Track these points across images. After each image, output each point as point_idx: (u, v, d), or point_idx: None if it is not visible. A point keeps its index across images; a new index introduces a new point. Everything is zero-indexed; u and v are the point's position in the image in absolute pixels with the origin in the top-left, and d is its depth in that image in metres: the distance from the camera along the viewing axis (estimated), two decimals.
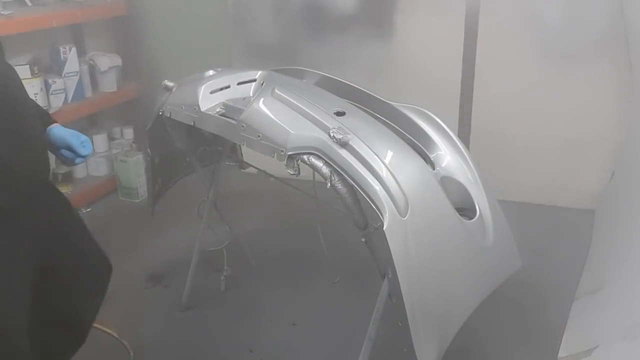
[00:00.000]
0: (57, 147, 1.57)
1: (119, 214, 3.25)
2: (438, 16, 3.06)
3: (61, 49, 3.11)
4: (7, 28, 2.63)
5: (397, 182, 1.45)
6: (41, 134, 1.42)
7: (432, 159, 1.79)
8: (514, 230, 1.84)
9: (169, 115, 1.93)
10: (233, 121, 1.71)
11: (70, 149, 1.56)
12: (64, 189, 3.17)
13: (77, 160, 1.60)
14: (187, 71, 2.02)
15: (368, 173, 1.46)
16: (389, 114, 1.86)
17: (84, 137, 1.59)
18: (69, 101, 3.14)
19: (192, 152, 2.16)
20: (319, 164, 1.52)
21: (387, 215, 1.41)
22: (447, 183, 1.72)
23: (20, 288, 1.11)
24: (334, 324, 2.26)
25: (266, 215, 3.15)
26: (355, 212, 1.53)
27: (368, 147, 1.50)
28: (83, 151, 1.57)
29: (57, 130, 1.56)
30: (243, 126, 1.66)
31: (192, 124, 1.85)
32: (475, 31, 3.01)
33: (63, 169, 3.20)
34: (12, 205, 1.08)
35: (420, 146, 1.79)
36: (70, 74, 3.14)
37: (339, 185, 1.50)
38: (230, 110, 1.78)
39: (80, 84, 3.21)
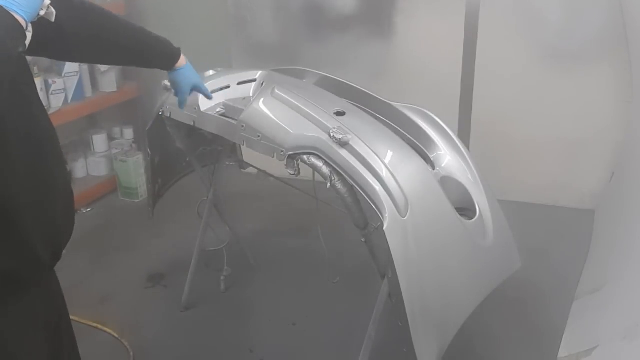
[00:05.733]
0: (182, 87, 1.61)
1: (119, 214, 3.25)
2: (438, 16, 3.06)
3: None
4: None
5: (397, 182, 1.45)
6: (67, 181, 1.24)
7: (432, 159, 1.79)
8: (514, 230, 1.84)
9: (169, 115, 1.93)
10: (233, 121, 1.71)
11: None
12: None
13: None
14: None
15: (368, 173, 1.46)
16: (389, 114, 1.86)
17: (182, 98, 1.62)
18: (69, 101, 3.14)
19: (192, 152, 2.16)
20: (319, 164, 1.52)
21: (387, 215, 1.41)
22: (447, 183, 1.72)
23: (40, 354, 1.15)
24: (334, 324, 2.26)
25: (266, 215, 3.15)
26: (355, 212, 1.53)
27: (368, 147, 1.50)
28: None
29: (184, 78, 1.57)
30: (243, 126, 1.66)
31: (192, 124, 1.85)
32: (475, 31, 3.00)
33: None
34: (27, 275, 1.09)
35: (420, 146, 1.79)
36: (70, 74, 3.14)
37: (339, 185, 1.50)
38: (230, 110, 1.78)
39: (80, 84, 3.21)
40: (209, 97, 1.72)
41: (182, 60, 1.54)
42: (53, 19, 1.00)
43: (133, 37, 1.41)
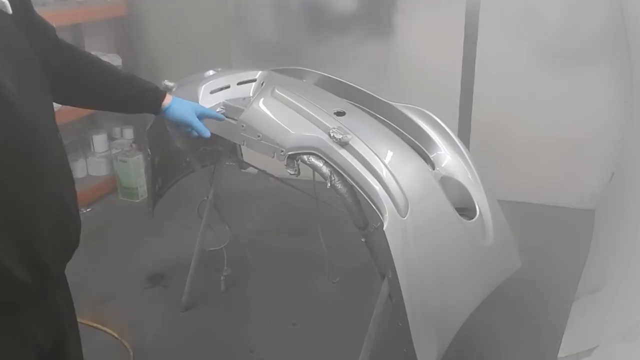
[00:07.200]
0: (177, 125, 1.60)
1: (119, 214, 3.25)
2: (438, 16, 3.06)
3: None
4: None
5: (397, 182, 1.45)
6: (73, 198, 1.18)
7: (432, 159, 1.79)
8: (514, 230, 1.84)
9: None
10: (233, 121, 1.71)
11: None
12: None
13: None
14: (187, 71, 2.02)
15: (368, 173, 1.46)
16: (389, 114, 1.86)
17: (198, 124, 1.56)
18: None
19: (192, 152, 2.16)
20: (319, 164, 1.52)
21: (387, 215, 1.41)
22: (447, 183, 1.72)
23: None
24: (334, 324, 2.26)
25: (266, 216, 3.15)
26: (355, 212, 1.53)
27: (368, 147, 1.50)
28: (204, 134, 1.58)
29: (174, 113, 1.54)
30: (243, 126, 1.66)
31: None
32: (475, 31, 3.01)
33: None
34: (11, 300, 1.01)
35: (420, 146, 1.79)
36: None
37: (339, 185, 1.50)
38: (230, 110, 1.78)
39: None
40: (219, 119, 1.70)
41: (168, 99, 1.54)
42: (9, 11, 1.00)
43: (118, 79, 1.43)
